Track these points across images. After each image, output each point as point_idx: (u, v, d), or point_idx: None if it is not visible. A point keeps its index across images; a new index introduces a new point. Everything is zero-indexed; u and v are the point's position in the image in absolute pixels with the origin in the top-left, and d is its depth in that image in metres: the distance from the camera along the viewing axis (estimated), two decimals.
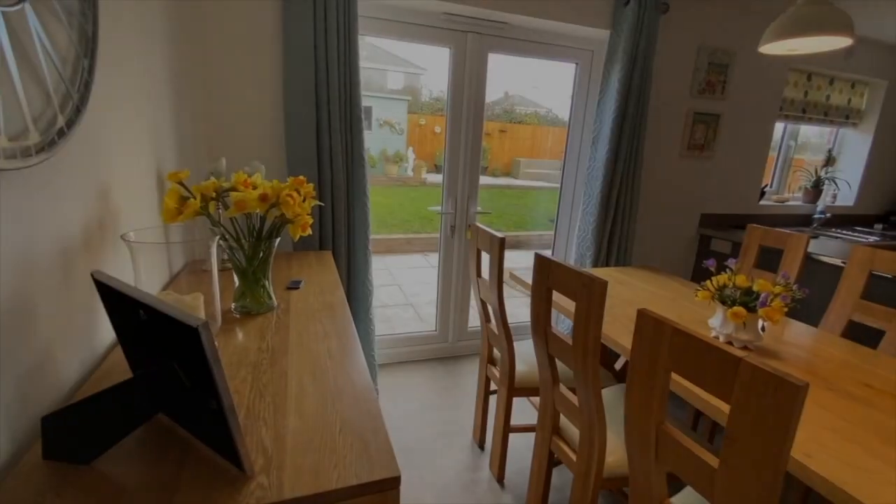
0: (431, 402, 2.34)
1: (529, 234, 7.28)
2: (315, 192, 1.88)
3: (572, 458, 1.36)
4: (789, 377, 0.63)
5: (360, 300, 2.18)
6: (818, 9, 1.27)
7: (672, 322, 0.82)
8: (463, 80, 2.41)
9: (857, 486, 0.84)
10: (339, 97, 1.91)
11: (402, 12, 2.21)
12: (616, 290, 1.93)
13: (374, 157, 11.02)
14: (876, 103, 3.42)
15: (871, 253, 1.74)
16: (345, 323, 1.13)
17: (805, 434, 0.99)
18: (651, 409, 0.88)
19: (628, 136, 2.46)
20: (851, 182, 3.56)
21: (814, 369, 1.30)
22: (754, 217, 3.21)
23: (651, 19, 2.33)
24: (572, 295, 1.18)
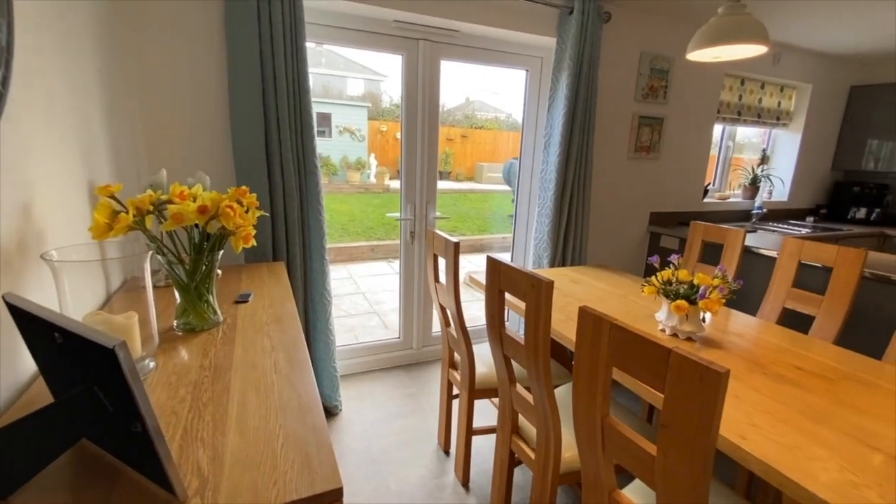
0: (397, 411, 2.32)
1: (493, 237, 7.38)
2: (259, 203, 1.85)
3: (531, 456, 1.38)
4: (713, 365, 0.67)
5: (318, 311, 2.14)
6: (736, 19, 1.37)
7: (610, 318, 0.85)
8: (417, 87, 2.43)
9: (785, 463, 0.89)
10: (288, 104, 1.88)
11: (352, 19, 2.20)
12: (571, 289, 1.98)
13: (334, 165, 10.88)
14: (803, 105, 3.69)
15: (800, 244, 1.87)
16: (294, 335, 1.11)
17: (741, 417, 1.05)
18: (595, 403, 0.91)
19: (578, 140, 2.55)
20: (784, 179, 3.82)
21: (750, 355, 1.38)
22: (699, 214, 3.39)
23: (594, 27, 2.42)
24: (522, 295, 1.21)
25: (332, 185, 10.62)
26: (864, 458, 0.92)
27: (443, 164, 12.32)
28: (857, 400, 1.14)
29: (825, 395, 1.16)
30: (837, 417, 1.06)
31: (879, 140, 3.68)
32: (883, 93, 3.63)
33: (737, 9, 1.39)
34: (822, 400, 1.14)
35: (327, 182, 10.20)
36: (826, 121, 3.83)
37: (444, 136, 12.37)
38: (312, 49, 2.20)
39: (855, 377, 1.28)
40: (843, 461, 0.91)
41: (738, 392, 1.16)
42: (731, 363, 1.32)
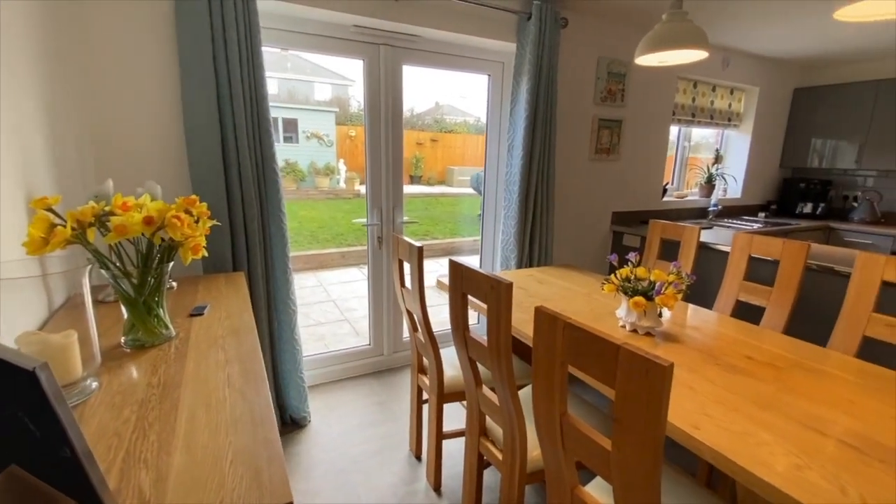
0: (368, 419, 2.29)
1: (464, 240, 7.41)
2: (216, 212, 1.80)
3: (499, 457, 1.38)
4: (657, 359, 0.69)
5: (283, 321, 2.09)
6: (678, 26, 1.44)
7: (564, 316, 0.87)
8: (379, 92, 2.42)
9: (735, 450, 0.93)
10: (245, 111, 1.84)
11: (310, 24, 2.18)
12: (536, 289, 2.01)
13: (302, 171, 10.69)
14: (751, 107, 3.88)
15: (749, 239, 1.96)
16: (250, 347, 1.08)
17: (694, 408, 1.08)
18: (553, 401, 0.92)
19: (540, 143, 2.59)
20: (737, 177, 4.00)
21: (705, 347, 1.43)
22: (659, 213, 3.51)
23: (552, 33, 2.48)
24: (484, 298, 1.21)
25: (300, 191, 10.44)
26: (808, 441, 0.97)
27: (414, 169, 12.30)
28: (803, 386, 1.20)
29: (774, 383, 1.21)
30: (785, 404, 1.12)
31: (822, 139, 3.91)
32: (824, 94, 3.86)
33: (679, 16, 1.46)
34: (770, 388, 1.19)
35: (295, 188, 10.01)
36: (773, 121, 4.04)
37: (415, 141, 12.36)
38: (277, 54, 2.16)
39: (802, 365, 1.34)
40: (789, 445, 0.95)
41: (692, 384, 1.20)
42: (687, 356, 1.37)
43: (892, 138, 3.48)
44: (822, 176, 4.14)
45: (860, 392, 1.18)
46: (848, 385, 1.22)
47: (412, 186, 11.17)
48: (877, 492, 0.82)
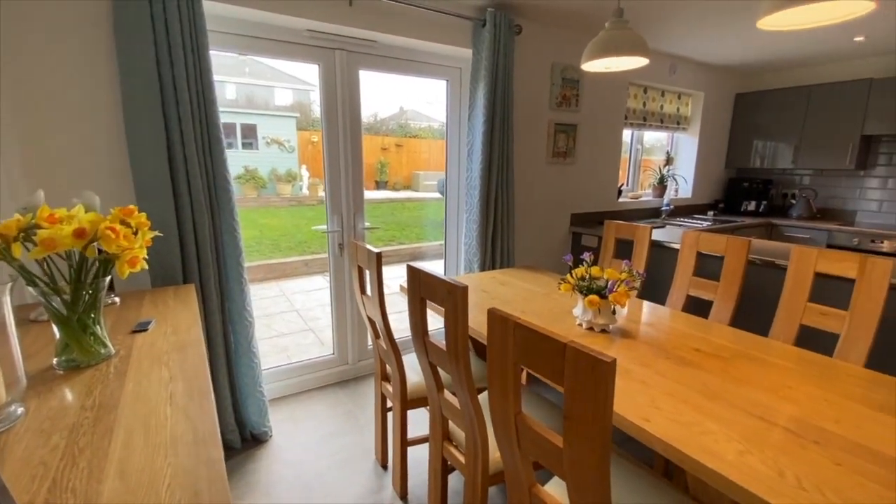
0: (332, 430, 2.24)
1: (430, 244, 7.42)
2: (164, 222, 1.72)
3: (462, 461, 1.38)
4: (601, 355, 0.71)
5: (240, 333, 2.02)
6: (619, 33, 1.50)
7: (514, 317, 0.88)
8: (336, 97, 2.39)
9: (683, 440, 0.96)
10: (192, 116, 1.77)
11: (262, 28, 2.13)
12: (498, 291, 2.03)
13: (263, 178, 10.40)
14: (697, 111, 4.08)
15: (696, 237, 2.05)
16: (197, 363, 1.03)
17: (646, 401, 1.12)
18: (508, 401, 0.93)
19: (498, 147, 2.63)
20: (687, 177, 4.20)
21: (657, 342, 1.49)
22: (615, 213, 3.63)
23: (507, 39, 2.53)
24: (441, 302, 1.21)
25: (261, 198, 10.16)
26: (750, 427, 1.02)
27: (379, 174, 12.21)
28: (746, 375, 1.27)
29: (719, 374, 1.27)
30: (729, 393, 1.17)
31: (763, 140, 4.16)
32: (763, 99, 4.11)
33: (620, 24, 1.52)
34: (716, 378, 1.25)
35: (256, 196, 9.73)
36: (718, 124, 4.27)
37: (379, 146, 12.28)
38: (235, 58, 2.10)
39: (745, 354, 1.41)
40: (731, 432, 1.00)
41: (644, 378, 1.24)
42: (639, 351, 1.41)
43: (823, 139, 3.74)
44: (764, 175, 4.41)
45: (797, 378, 1.25)
46: (787, 372, 1.29)
47: (378, 192, 11.09)
48: (811, 472, 0.87)
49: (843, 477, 0.86)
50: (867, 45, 3.32)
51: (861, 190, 3.83)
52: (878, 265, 1.54)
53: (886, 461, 0.90)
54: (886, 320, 1.88)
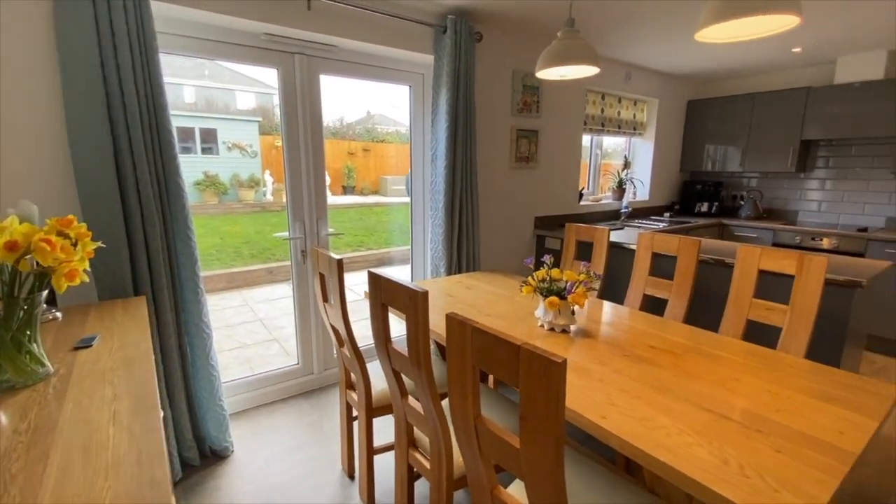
0: (297, 442, 2.18)
1: (398, 249, 7.38)
2: (111, 231, 1.64)
3: (427, 467, 1.38)
4: (553, 356, 0.73)
5: (196, 346, 1.94)
6: (570, 43, 1.55)
7: (472, 322, 0.89)
8: (296, 101, 2.35)
9: (637, 435, 1.00)
10: (141, 121, 1.70)
11: (217, 31, 2.07)
12: (464, 295, 2.04)
13: (224, 183, 10.08)
14: (652, 117, 4.26)
15: (651, 237, 2.14)
16: (144, 378, 0.98)
17: (602, 398, 1.15)
18: (468, 405, 0.94)
19: (462, 152, 2.65)
20: (644, 181, 4.36)
21: (615, 341, 1.53)
22: (577, 216, 3.73)
23: (467, 46, 2.56)
24: (402, 308, 1.21)
25: (222, 205, 9.84)
26: (698, 420, 1.06)
27: (346, 179, 12.06)
28: (697, 370, 1.32)
29: (672, 369, 1.33)
30: (680, 387, 1.22)
31: (714, 145, 4.38)
32: (712, 106, 4.33)
33: (571, 34, 1.57)
34: (669, 373, 1.30)
35: (217, 202, 9.42)
36: (672, 130, 4.46)
37: (346, 150, 12.13)
38: (193, 60, 2.04)
39: (697, 350, 1.48)
40: (682, 425, 1.04)
41: (602, 376, 1.28)
42: (598, 350, 1.45)
43: (767, 144, 3.98)
44: (715, 178, 4.64)
45: (744, 371, 1.32)
46: (734, 365, 1.36)
47: (345, 197, 10.95)
48: (753, 459, 0.92)
49: (782, 463, 0.91)
50: (804, 56, 3.56)
51: (802, 191, 4.09)
52: (814, 262, 1.65)
53: (822, 446, 0.96)
54: (823, 313, 2.02)
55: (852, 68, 3.48)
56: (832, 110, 3.57)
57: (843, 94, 3.50)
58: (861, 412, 1.10)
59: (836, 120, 3.55)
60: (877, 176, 3.64)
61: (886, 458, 2.11)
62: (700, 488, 0.84)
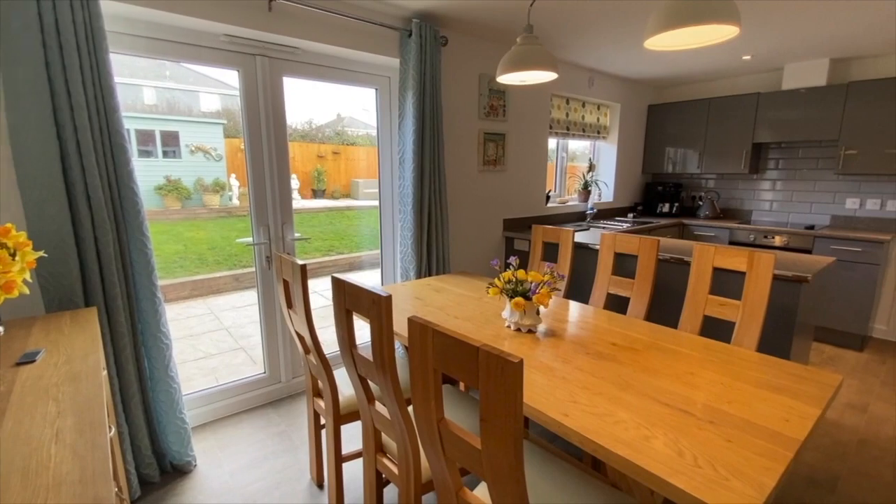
0: (264, 452, 2.13)
1: (370, 253, 7.31)
2: (58, 240, 1.56)
3: (395, 472, 1.37)
4: (509, 356, 0.74)
5: (154, 357, 1.87)
6: (528, 48, 1.59)
7: (433, 325, 0.89)
8: (258, 104, 2.30)
9: (597, 431, 1.02)
10: (91, 125, 1.62)
11: (174, 31, 2.01)
12: (433, 298, 2.04)
13: (187, 188, 9.75)
14: (615, 121, 4.39)
15: (613, 238, 2.20)
16: (92, 393, 0.94)
17: (565, 396, 1.18)
18: (430, 408, 0.94)
19: (430, 156, 2.66)
20: (608, 182, 4.49)
21: (579, 339, 1.57)
22: (544, 218, 3.79)
23: (433, 50, 2.57)
24: (366, 313, 1.20)
25: (186, 210, 9.51)
26: (656, 413, 1.10)
27: (316, 182, 11.89)
28: (656, 365, 1.37)
29: (632, 365, 1.37)
30: (640, 382, 1.26)
31: (674, 148, 4.55)
32: (671, 110, 4.50)
33: (530, 39, 1.61)
34: (629, 369, 1.34)
35: (180, 207, 9.09)
36: (634, 133, 4.61)
37: (316, 154, 11.97)
38: (153, 60, 1.97)
39: (656, 346, 1.53)
40: (640, 419, 1.07)
41: (565, 374, 1.30)
42: (562, 348, 1.48)
43: (722, 147, 4.17)
44: (675, 180, 4.82)
45: (699, 365, 1.37)
46: (691, 360, 1.41)
47: (315, 201, 10.76)
48: (706, 450, 0.96)
49: (733, 452, 0.95)
50: (754, 63, 3.75)
51: (755, 191, 4.29)
52: (763, 259, 1.73)
53: (769, 434, 1.01)
54: (773, 307, 2.12)
55: (798, 75, 3.69)
56: (780, 115, 3.77)
57: (790, 100, 3.71)
58: (805, 400, 1.16)
59: (785, 124, 3.76)
60: (822, 177, 3.87)
61: (835, 442, 2.23)
62: (656, 480, 0.87)
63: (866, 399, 2.66)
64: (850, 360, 3.21)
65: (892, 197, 3.53)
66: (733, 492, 0.83)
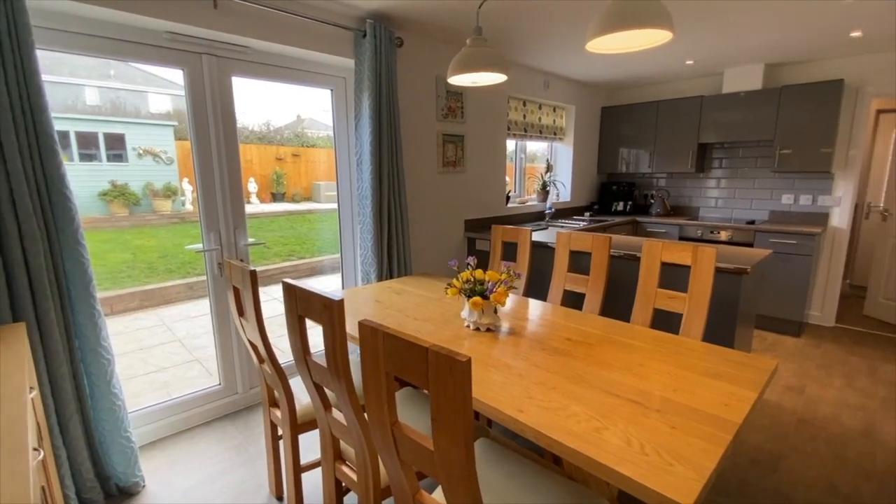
0: (220, 467, 2.04)
1: (332, 257, 7.18)
2: None
3: (354, 479, 1.35)
4: (458, 355, 0.74)
5: (95, 374, 1.75)
6: (477, 50, 1.61)
7: (383, 327, 0.88)
8: (206, 104, 2.21)
9: (550, 426, 1.04)
10: (15, 125, 1.51)
11: (112, 28, 1.90)
12: (393, 301, 2.02)
13: (135, 194, 9.25)
14: (570, 122, 4.52)
15: (568, 236, 2.25)
16: (13, 416, 0.87)
17: (520, 392, 1.19)
18: (384, 412, 0.93)
19: (388, 157, 2.64)
20: (566, 183, 4.61)
21: (535, 336, 1.60)
22: (505, 218, 3.85)
23: (388, 51, 2.56)
24: (318, 318, 1.18)
25: (135, 217, 9.01)
26: (606, 405, 1.13)
27: (275, 186, 11.55)
28: (608, 358, 1.41)
29: (585, 359, 1.40)
30: (592, 375, 1.29)
31: (627, 148, 4.72)
32: (623, 112, 4.67)
33: (479, 41, 1.63)
34: (582, 363, 1.37)
35: (127, 214, 8.61)
36: (589, 134, 4.76)
37: (274, 156, 11.63)
38: (97, 58, 1.85)
39: (609, 339, 1.57)
40: (591, 412, 1.10)
41: (521, 370, 1.32)
42: (520, 345, 1.50)
43: (671, 147, 4.37)
44: (629, 179, 5.01)
45: (649, 356, 1.43)
46: (641, 352, 1.46)
47: (275, 204, 10.46)
48: (652, 438, 1.00)
49: (676, 438, 0.99)
50: (697, 68, 3.95)
51: (702, 189, 4.53)
52: (706, 253, 1.82)
53: (710, 419, 1.06)
54: (717, 298, 2.24)
55: (737, 79, 3.92)
56: (722, 117, 3.99)
57: (730, 102, 3.93)
58: (743, 385, 1.23)
59: (726, 125, 3.98)
60: (760, 174, 4.13)
61: (776, 423, 2.38)
62: (605, 470, 0.90)
63: (804, 381, 2.85)
64: (789, 346, 3.44)
65: (822, 193, 3.81)
66: (676, 476, 0.87)
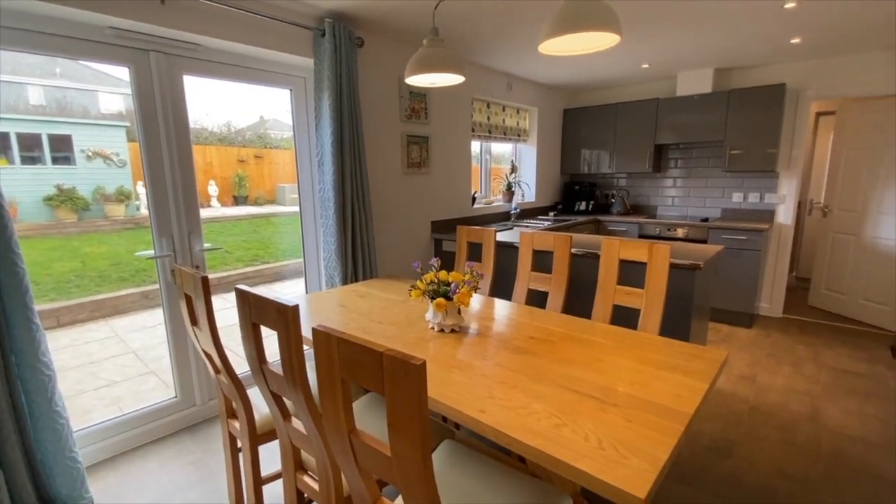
0: (177, 484, 1.95)
1: (297, 261, 7.02)
2: None
3: (316, 489, 1.31)
4: (411, 358, 0.73)
5: (34, 391, 1.64)
6: (433, 50, 1.61)
7: (337, 333, 0.86)
8: (155, 103, 2.11)
9: (511, 425, 1.04)
10: None
11: (50, 22, 1.78)
12: (357, 304, 1.99)
13: (83, 198, 8.75)
14: (534, 124, 4.59)
15: (531, 236, 2.29)
16: None
17: (483, 392, 1.19)
18: (340, 419, 0.91)
19: (350, 158, 2.60)
20: (530, 183, 4.69)
21: (499, 335, 1.60)
22: (471, 219, 3.87)
23: (348, 51, 2.52)
24: (273, 325, 1.14)
25: (84, 222, 8.51)
26: (565, 401, 1.15)
27: (237, 189, 11.19)
28: (569, 354, 1.43)
29: (547, 356, 1.42)
30: (553, 373, 1.31)
31: (588, 149, 4.84)
32: (584, 114, 4.79)
33: (436, 42, 1.63)
34: (544, 361, 1.39)
35: (76, 220, 8.13)
36: (552, 136, 4.85)
37: (236, 158, 11.26)
38: (42, 56, 1.73)
39: (571, 336, 1.60)
40: (551, 409, 1.11)
41: (484, 371, 1.33)
42: (484, 345, 1.51)
43: (629, 148, 4.51)
44: (591, 179, 5.14)
45: (608, 352, 1.46)
46: (601, 347, 1.50)
47: (237, 208, 10.13)
48: (609, 432, 1.02)
49: (632, 431, 1.02)
50: (652, 71, 4.10)
51: (659, 188, 4.70)
52: (660, 250, 1.89)
53: (663, 410, 1.10)
54: (672, 293, 2.32)
55: (689, 82, 4.09)
56: (677, 119, 4.16)
57: (684, 105, 4.10)
58: (696, 377, 1.28)
59: (680, 127, 4.15)
60: (713, 174, 4.32)
61: (730, 412, 2.49)
62: (563, 466, 0.91)
63: (755, 370, 3.00)
64: (741, 337, 3.61)
65: (769, 191, 4.03)
66: (631, 469, 0.89)
